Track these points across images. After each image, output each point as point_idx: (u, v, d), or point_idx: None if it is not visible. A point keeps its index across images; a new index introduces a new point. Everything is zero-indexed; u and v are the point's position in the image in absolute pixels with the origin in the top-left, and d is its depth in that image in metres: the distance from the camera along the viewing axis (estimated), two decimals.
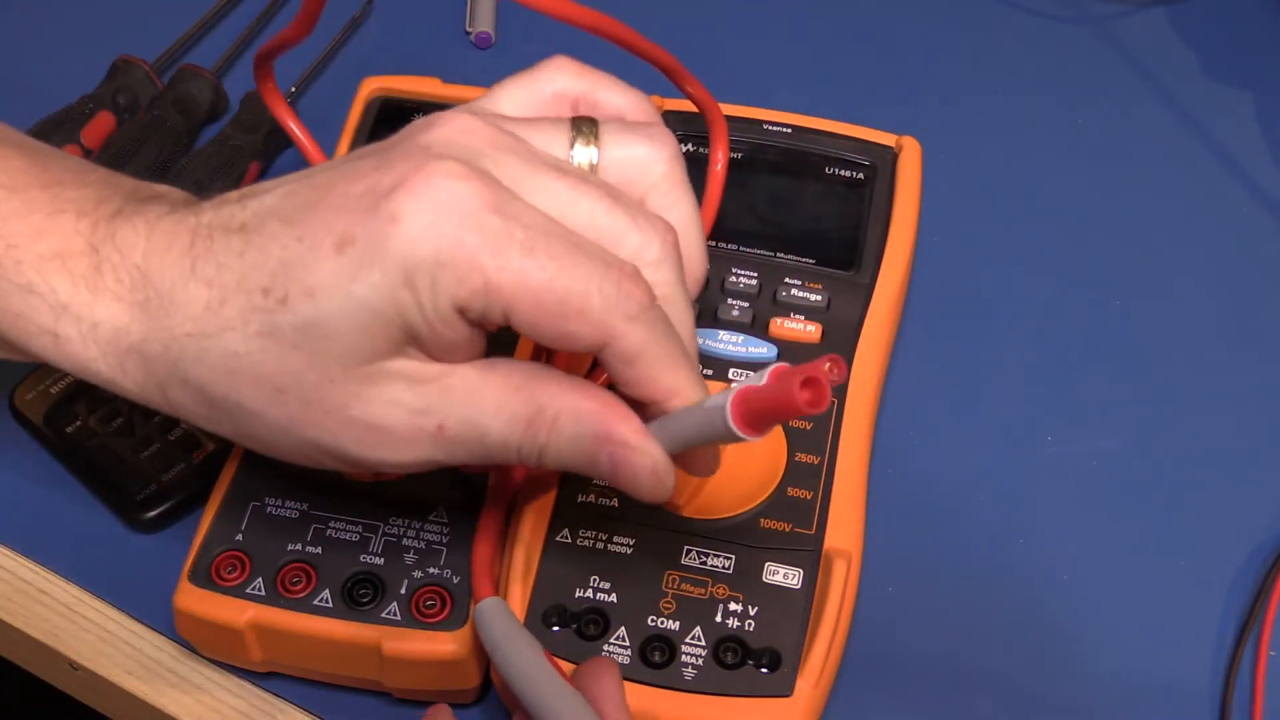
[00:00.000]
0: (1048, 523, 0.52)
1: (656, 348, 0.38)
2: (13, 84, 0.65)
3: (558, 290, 0.37)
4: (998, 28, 0.70)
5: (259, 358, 0.37)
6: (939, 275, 0.58)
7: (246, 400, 0.38)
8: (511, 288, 0.36)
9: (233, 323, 0.38)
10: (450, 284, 0.36)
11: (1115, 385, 0.56)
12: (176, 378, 0.39)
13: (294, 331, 0.37)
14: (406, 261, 0.36)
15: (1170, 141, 0.65)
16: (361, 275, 0.36)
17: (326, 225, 0.37)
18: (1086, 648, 0.49)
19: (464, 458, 0.39)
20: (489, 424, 0.38)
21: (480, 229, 0.36)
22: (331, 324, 0.37)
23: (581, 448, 0.39)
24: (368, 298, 0.36)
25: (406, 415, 0.38)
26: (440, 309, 0.37)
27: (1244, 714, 0.47)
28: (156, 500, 0.50)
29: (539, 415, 0.38)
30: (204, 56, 0.65)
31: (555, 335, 0.37)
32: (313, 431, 0.38)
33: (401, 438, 0.38)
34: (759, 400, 0.36)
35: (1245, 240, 0.61)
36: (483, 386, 0.39)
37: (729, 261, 0.53)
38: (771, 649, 0.44)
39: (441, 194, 0.36)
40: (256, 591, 0.45)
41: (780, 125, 0.56)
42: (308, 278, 0.37)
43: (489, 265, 0.36)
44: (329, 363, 0.37)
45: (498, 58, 0.67)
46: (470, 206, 0.36)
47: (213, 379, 0.38)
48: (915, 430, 0.54)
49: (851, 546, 0.46)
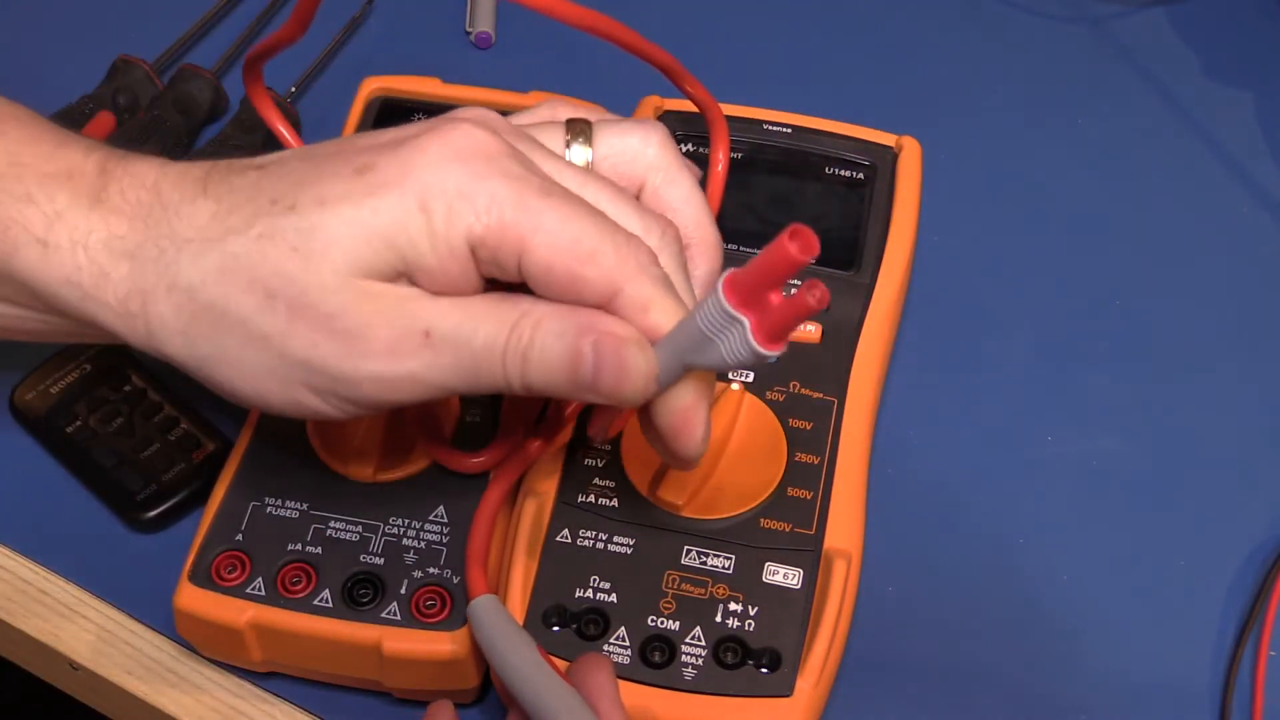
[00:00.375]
0: (1048, 523, 0.52)
1: (668, 299, 0.38)
2: (13, 84, 0.65)
3: (572, 234, 0.37)
4: (998, 28, 0.70)
5: (256, 259, 0.37)
6: (939, 275, 0.58)
7: (234, 305, 0.38)
8: (528, 228, 0.37)
9: (236, 228, 0.38)
10: (467, 215, 0.37)
11: (1115, 385, 0.56)
12: (165, 283, 0.38)
13: (295, 234, 0.37)
14: (425, 187, 0.37)
15: (1170, 141, 0.65)
16: (376, 192, 0.37)
17: (348, 158, 0.38)
18: (1087, 648, 0.49)
19: (449, 372, 0.38)
20: (475, 327, 0.38)
21: (503, 172, 0.37)
22: (334, 230, 0.37)
23: (565, 344, 0.38)
24: (377, 211, 0.37)
25: (392, 323, 0.38)
26: (453, 240, 0.37)
27: (1244, 714, 0.47)
28: (156, 500, 0.50)
29: (524, 316, 0.38)
30: (204, 56, 0.65)
31: (567, 280, 0.38)
32: (295, 343, 0.38)
33: (387, 347, 0.38)
34: (750, 272, 0.35)
35: (1245, 240, 0.61)
36: (470, 300, 0.39)
37: (729, 261, 0.52)
38: (771, 649, 0.44)
39: (466, 139, 0.38)
40: (256, 591, 0.45)
41: (780, 125, 0.56)
42: (321, 190, 0.37)
43: (508, 202, 0.37)
44: (324, 270, 0.37)
45: (498, 58, 0.67)
46: (494, 151, 0.38)
47: (204, 280, 0.38)
48: (915, 430, 0.54)
49: (851, 546, 0.46)
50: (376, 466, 0.47)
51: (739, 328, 0.36)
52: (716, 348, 0.37)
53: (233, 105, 0.63)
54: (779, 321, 0.35)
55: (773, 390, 0.49)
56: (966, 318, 0.58)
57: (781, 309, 0.35)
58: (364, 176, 0.37)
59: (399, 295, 0.38)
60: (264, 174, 0.39)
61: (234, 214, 0.38)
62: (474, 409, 0.49)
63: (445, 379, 0.38)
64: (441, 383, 0.38)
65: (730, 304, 0.36)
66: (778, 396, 0.49)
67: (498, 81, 0.57)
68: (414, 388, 0.38)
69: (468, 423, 0.48)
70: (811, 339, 0.51)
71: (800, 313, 0.35)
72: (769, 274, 0.35)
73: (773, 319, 0.35)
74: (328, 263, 0.37)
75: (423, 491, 0.47)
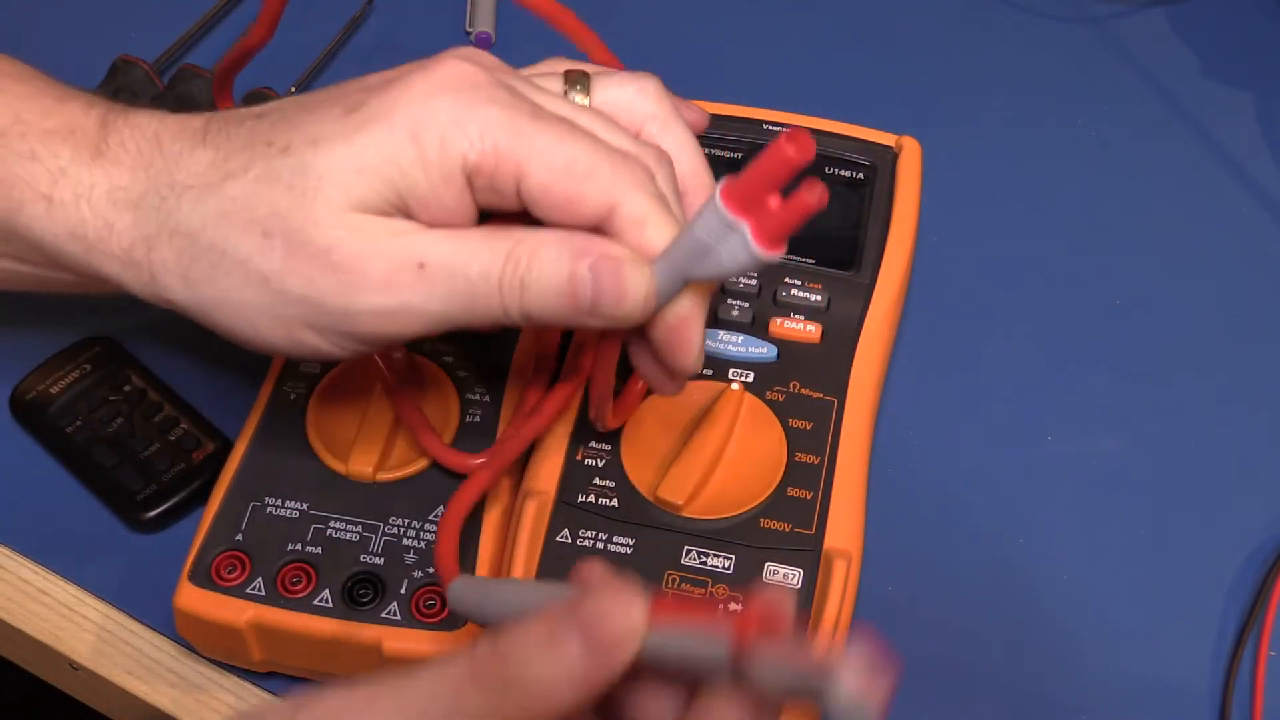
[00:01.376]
0: (1048, 523, 0.52)
1: (664, 215, 0.38)
2: None
3: (567, 154, 0.38)
4: (998, 28, 0.70)
5: (253, 200, 0.38)
6: (939, 275, 0.58)
7: (232, 246, 0.38)
8: (524, 152, 0.37)
9: (234, 172, 0.39)
10: (460, 143, 0.37)
11: (1115, 385, 0.56)
12: (167, 229, 0.39)
13: (290, 173, 0.38)
14: (415, 118, 0.37)
15: (1170, 142, 0.65)
16: (366, 127, 0.37)
17: (339, 100, 0.39)
18: (1086, 648, 0.49)
19: (446, 302, 0.38)
20: (470, 256, 0.38)
21: (493, 100, 0.38)
22: (327, 165, 0.38)
23: (563, 268, 0.38)
24: (368, 146, 0.37)
25: (387, 255, 0.38)
26: (447, 168, 0.37)
27: (1244, 714, 0.47)
28: (156, 500, 0.50)
29: (519, 244, 0.38)
30: (204, 56, 0.65)
31: (565, 200, 0.38)
32: (293, 280, 0.38)
33: (383, 280, 0.38)
34: (746, 178, 0.35)
35: (1245, 240, 0.61)
36: (465, 231, 0.39)
37: None
38: None
39: (454, 70, 0.38)
40: (256, 591, 0.45)
41: (780, 125, 0.56)
42: (314, 130, 0.38)
43: (501, 128, 0.37)
44: (319, 206, 0.38)
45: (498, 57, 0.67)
46: (482, 81, 0.38)
47: (204, 224, 0.39)
48: (915, 430, 0.54)
49: (851, 546, 0.46)
50: (376, 466, 0.47)
51: (738, 234, 0.35)
52: (716, 256, 0.36)
53: (234, 105, 0.63)
54: (779, 224, 0.35)
55: (773, 390, 0.49)
56: (966, 318, 0.58)
57: (781, 211, 0.35)
58: (354, 114, 0.38)
59: (394, 228, 0.38)
60: (261, 121, 0.40)
61: (231, 159, 0.39)
62: (474, 409, 0.49)
63: (442, 309, 0.38)
64: (439, 313, 0.38)
65: (729, 210, 0.35)
66: (778, 396, 0.49)
67: None
68: (412, 320, 0.38)
69: (468, 423, 0.48)
70: (812, 339, 0.51)
71: (801, 212, 0.34)
72: (766, 178, 0.34)
73: (772, 222, 0.35)
74: (322, 199, 0.37)
75: (423, 491, 0.47)
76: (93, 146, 0.41)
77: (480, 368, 0.49)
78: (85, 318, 0.55)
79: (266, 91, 0.62)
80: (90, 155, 0.41)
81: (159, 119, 0.41)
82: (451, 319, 0.39)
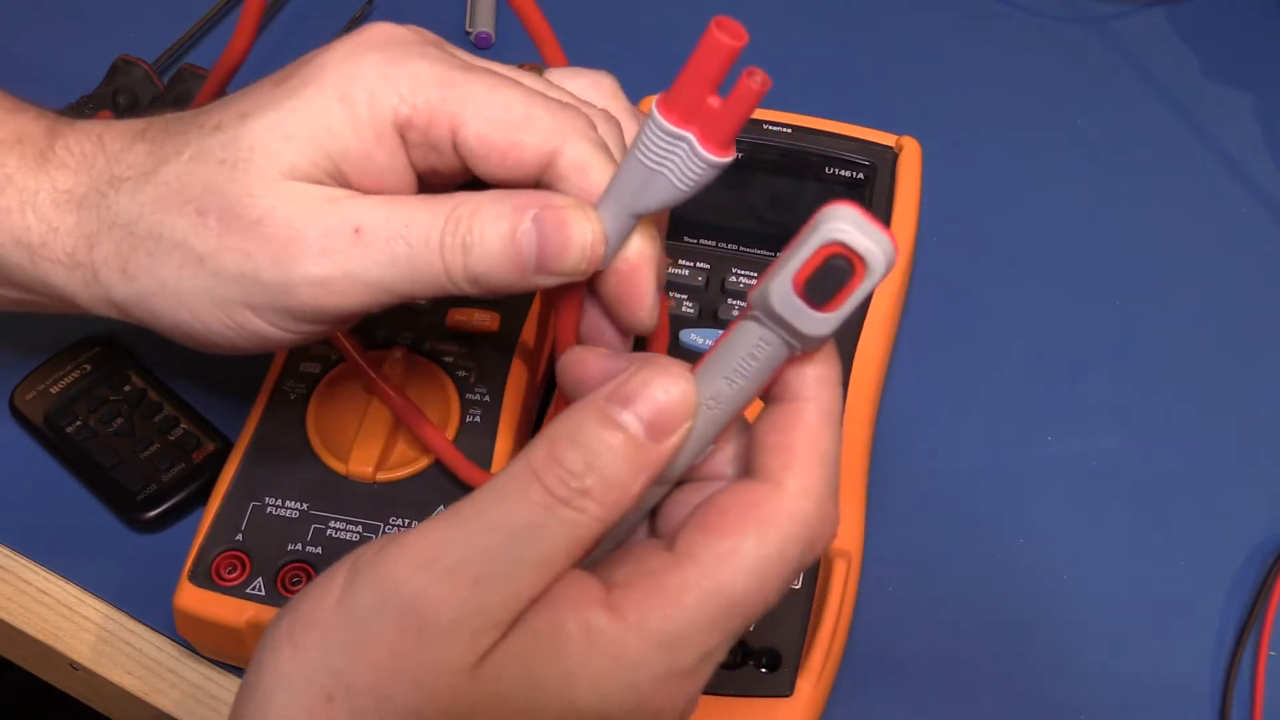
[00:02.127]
0: (1048, 523, 0.52)
1: (608, 161, 0.37)
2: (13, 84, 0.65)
3: (502, 102, 0.37)
4: (998, 28, 0.70)
5: (187, 180, 0.38)
6: (939, 275, 0.58)
7: (168, 229, 0.38)
8: (457, 102, 0.36)
9: (168, 157, 0.38)
10: (390, 98, 0.36)
11: (1115, 385, 0.56)
12: (106, 223, 0.39)
13: (221, 148, 0.37)
14: (343, 78, 0.37)
15: (1170, 141, 0.65)
16: (296, 93, 0.37)
17: (271, 77, 0.38)
18: (1087, 648, 0.49)
19: (386, 269, 0.37)
20: (408, 219, 0.37)
21: (422, 55, 0.37)
22: (257, 134, 0.37)
23: (505, 225, 0.36)
24: (295, 110, 0.37)
25: (321, 222, 0.37)
26: (379, 125, 0.36)
27: (1244, 714, 0.47)
28: (156, 500, 0.50)
29: (460, 205, 0.37)
30: (204, 56, 0.65)
31: (505, 148, 0.37)
32: (228, 257, 0.37)
33: (318, 248, 0.36)
34: (682, 82, 0.33)
35: (1245, 240, 0.61)
36: (403, 197, 0.38)
37: (729, 261, 0.53)
38: (771, 649, 0.44)
39: (379, 31, 0.38)
40: (256, 591, 0.45)
41: (780, 125, 0.56)
42: (244, 105, 0.38)
43: (431, 80, 0.36)
44: (251, 177, 0.37)
45: (497, 58, 0.66)
46: (409, 39, 0.38)
47: (140, 212, 0.38)
48: (915, 430, 0.54)
49: (851, 546, 0.46)
50: (376, 466, 0.47)
51: (684, 145, 0.33)
52: (664, 178, 0.34)
53: None
54: (726, 124, 0.33)
55: None
56: (966, 318, 0.58)
57: (725, 108, 0.32)
58: (284, 85, 0.37)
59: (328, 195, 0.37)
60: (200, 112, 0.39)
61: (167, 144, 0.39)
62: (474, 409, 0.49)
63: (382, 276, 0.37)
64: (379, 281, 0.37)
65: (670, 122, 0.33)
66: None
67: None
68: (352, 289, 0.37)
69: (468, 423, 0.48)
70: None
71: (747, 103, 0.32)
72: (703, 75, 0.32)
73: (718, 123, 0.33)
74: (254, 169, 0.37)
75: (423, 491, 0.47)
76: (38, 153, 0.40)
77: (480, 368, 0.49)
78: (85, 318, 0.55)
79: None
80: (36, 162, 0.40)
81: (104, 123, 0.41)
82: (393, 288, 0.37)
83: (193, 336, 0.39)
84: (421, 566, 0.31)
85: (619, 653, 0.31)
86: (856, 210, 0.29)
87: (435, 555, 0.31)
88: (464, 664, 0.31)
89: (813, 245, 0.30)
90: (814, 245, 0.30)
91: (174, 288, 0.38)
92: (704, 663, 0.32)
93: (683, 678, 0.32)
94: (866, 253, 0.29)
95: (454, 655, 0.31)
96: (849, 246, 0.29)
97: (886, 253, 0.29)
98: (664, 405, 0.32)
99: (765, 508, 0.32)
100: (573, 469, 0.31)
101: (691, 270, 0.52)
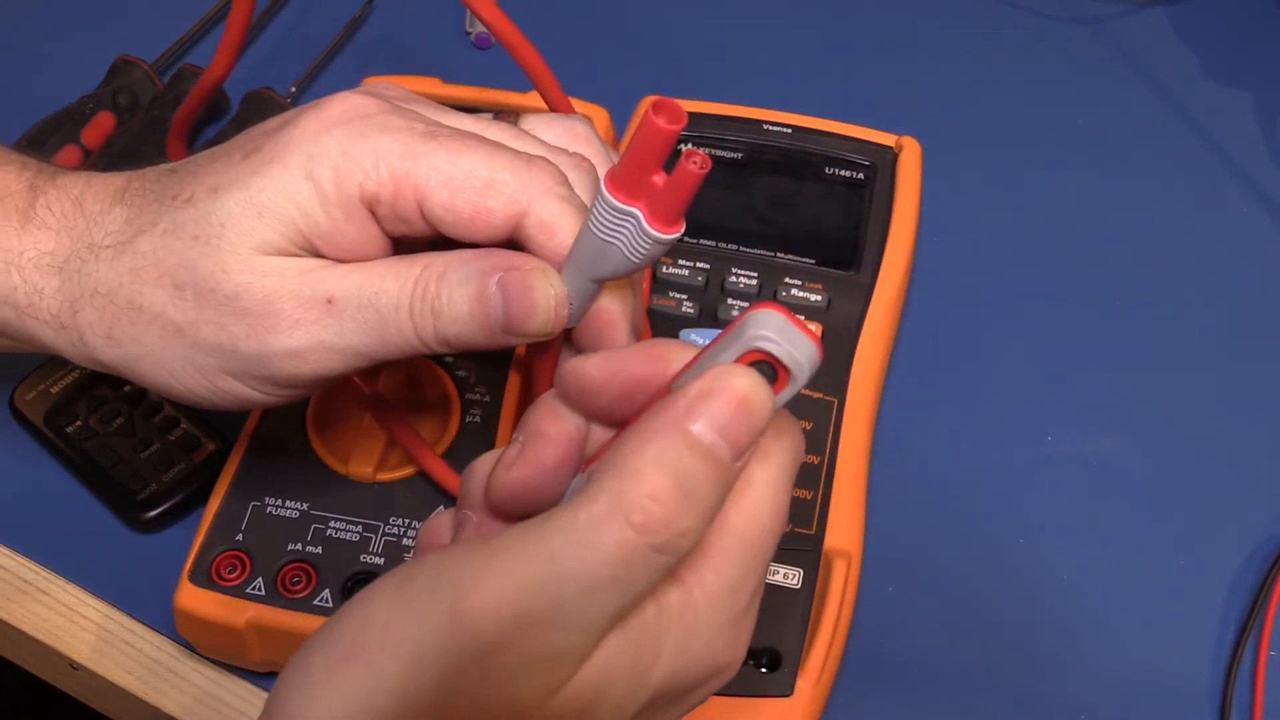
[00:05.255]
0: (1048, 523, 0.52)
1: (577, 217, 0.37)
2: (13, 84, 0.65)
3: (465, 168, 0.37)
4: (997, 28, 0.70)
5: (163, 254, 0.38)
6: (939, 275, 0.58)
7: (147, 301, 0.38)
8: (420, 174, 0.36)
9: (144, 228, 0.39)
10: (355, 174, 0.37)
11: (1115, 385, 0.56)
12: (88, 290, 0.39)
13: (194, 224, 0.38)
14: (308, 156, 0.37)
15: (1170, 141, 0.65)
16: (263, 169, 0.37)
17: (241, 146, 0.39)
18: (1086, 648, 0.49)
19: (358, 336, 0.37)
20: (378, 287, 0.37)
21: (383, 127, 0.37)
22: (228, 211, 0.37)
23: (471, 289, 0.37)
24: (264, 188, 0.37)
25: (294, 295, 0.37)
26: (345, 202, 0.37)
27: (1244, 714, 0.47)
28: (156, 500, 0.50)
29: (426, 269, 0.37)
30: (204, 56, 0.65)
31: (473, 214, 0.37)
32: (205, 330, 0.38)
33: (292, 320, 0.37)
34: (626, 162, 0.33)
35: (1245, 240, 0.61)
36: (372, 263, 0.38)
37: (729, 261, 0.53)
38: (771, 649, 0.44)
39: (343, 105, 0.38)
40: (256, 591, 0.45)
41: (780, 125, 0.56)
42: (213, 179, 0.38)
43: (394, 153, 0.37)
44: (224, 253, 0.37)
45: (498, 58, 0.67)
46: (372, 110, 0.38)
47: (119, 282, 0.39)
48: (915, 430, 0.54)
49: (851, 546, 0.46)
50: (376, 466, 0.47)
51: (632, 221, 0.34)
52: (617, 250, 0.35)
53: (233, 106, 0.63)
54: (670, 202, 0.33)
55: None
56: (966, 318, 0.58)
57: (668, 187, 0.33)
58: (251, 159, 0.38)
59: (300, 267, 0.38)
60: (172, 175, 0.40)
61: (142, 214, 0.39)
62: (474, 409, 0.49)
63: (356, 343, 0.38)
64: (353, 348, 0.38)
65: (618, 200, 0.34)
66: None
67: (497, 81, 0.57)
68: (327, 357, 0.38)
69: (468, 423, 0.48)
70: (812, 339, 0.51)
71: (689, 183, 0.33)
72: (645, 156, 0.33)
73: (663, 201, 0.33)
74: (225, 245, 0.37)
75: (423, 491, 0.47)
76: (21, 212, 0.41)
77: (480, 368, 0.49)
78: None
79: (267, 92, 0.62)
80: (19, 221, 0.41)
81: (85, 180, 0.41)
82: (367, 353, 0.38)
83: (175, 395, 0.40)
84: (486, 614, 0.29)
85: (691, 617, 0.31)
86: (783, 316, 0.29)
87: (502, 599, 0.29)
88: (536, 698, 0.29)
89: (736, 350, 0.30)
90: (738, 350, 0.30)
91: (157, 354, 0.39)
92: (754, 599, 0.32)
93: (741, 618, 0.32)
94: (791, 362, 0.29)
95: (524, 692, 0.29)
96: (774, 356, 0.29)
97: (810, 360, 0.29)
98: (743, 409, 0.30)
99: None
100: (673, 508, 0.28)
101: (691, 270, 0.52)
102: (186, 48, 0.66)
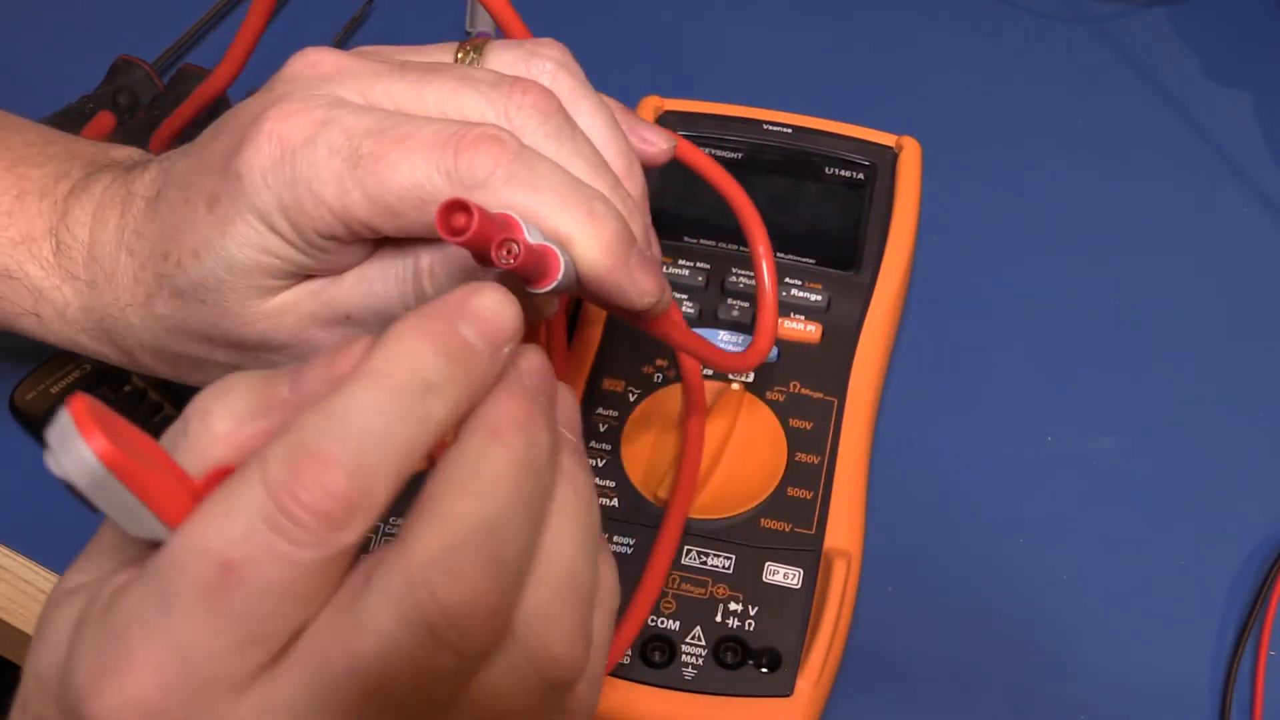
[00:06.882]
0: (1048, 523, 0.52)
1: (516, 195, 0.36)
2: (13, 84, 0.65)
3: (396, 187, 0.36)
4: (998, 28, 0.70)
5: (180, 316, 0.40)
6: (939, 275, 0.58)
7: (190, 350, 0.41)
8: (358, 204, 0.36)
9: (151, 289, 0.41)
10: (304, 220, 0.37)
11: (1115, 385, 0.56)
12: (134, 344, 0.42)
13: (192, 289, 0.39)
14: (260, 210, 0.37)
15: (1170, 141, 0.65)
16: (229, 230, 0.38)
17: (200, 186, 0.39)
18: (1086, 648, 0.49)
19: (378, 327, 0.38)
20: (379, 291, 0.38)
21: (309, 163, 0.36)
22: (218, 277, 0.39)
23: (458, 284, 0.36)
24: (239, 249, 0.38)
25: (314, 317, 0.39)
26: (309, 241, 0.37)
27: (1244, 714, 0.47)
28: None
29: (418, 273, 0.38)
30: (204, 56, 0.65)
31: (422, 226, 0.37)
32: (256, 364, 0.40)
33: (325, 341, 0.39)
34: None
35: (1245, 241, 0.61)
36: (366, 268, 0.39)
37: (729, 261, 0.53)
38: (771, 649, 0.44)
39: (269, 144, 0.37)
40: None
41: (780, 125, 0.56)
42: (189, 239, 0.39)
43: (329, 191, 0.36)
44: (233, 308, 0.39)
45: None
46: (300, 141, 0.37)
47: (157, 341, 0.42)
48: (915, 430, 0.54)
49: (851, 546, 0.46)
50: None
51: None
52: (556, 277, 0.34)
53: (232, 105, 0.63)
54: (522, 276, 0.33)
55: (773, 390, 0.49)
56: (966, 318, 0.58)
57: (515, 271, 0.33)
58: (214, 212, 0.38)
59: (308, 291, 0.39)
60: (155, 212, 0.41)
61: (145, 271, 0.41)
62: None
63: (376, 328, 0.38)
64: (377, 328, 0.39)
65: (443, 233, 0.31)
66: (778, 396, 0.49)
67: None
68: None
69: None
70: (811, 339, 0.51)
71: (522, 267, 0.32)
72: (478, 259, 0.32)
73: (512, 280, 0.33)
74: (231, 303, 0.39)
75: None
76: (52, 263, 0.43)
77: None
78: None
79: None
80: (54, 273, 0.43)
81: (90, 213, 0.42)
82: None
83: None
84: None
85: None
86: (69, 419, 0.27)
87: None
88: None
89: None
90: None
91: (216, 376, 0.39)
92: None
93: None
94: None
95: None
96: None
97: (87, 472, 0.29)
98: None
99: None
100: None
101: (691, 270, 0.52)
102: (186, 48, 0.66)
